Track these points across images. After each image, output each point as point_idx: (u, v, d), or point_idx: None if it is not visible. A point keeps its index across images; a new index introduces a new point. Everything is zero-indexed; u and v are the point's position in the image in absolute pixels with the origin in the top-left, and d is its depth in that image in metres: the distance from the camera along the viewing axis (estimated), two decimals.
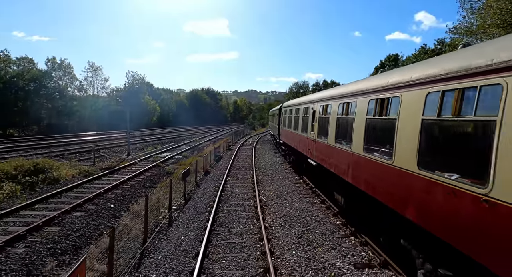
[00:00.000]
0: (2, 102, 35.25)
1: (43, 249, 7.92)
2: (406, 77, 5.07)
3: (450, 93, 3.97)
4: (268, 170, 19.01)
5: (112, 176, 16.93)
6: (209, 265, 7.05)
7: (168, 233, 9.31)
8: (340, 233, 8.57)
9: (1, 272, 6.70)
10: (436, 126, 4.25)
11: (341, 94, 8.58)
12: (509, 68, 3.11)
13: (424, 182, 4.37)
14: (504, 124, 3.10)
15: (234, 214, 10.74)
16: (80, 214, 10.70)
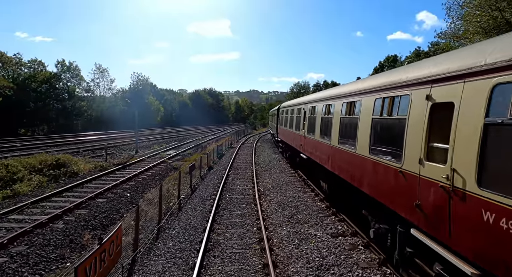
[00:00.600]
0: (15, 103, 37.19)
1: (78, 225, 9.64)
2: (366, 85, 6.72)
3: (386, 99, 5.63)
4: (266, 165, 20.67)
5: (125, 171, 18.63)
6: (215, 237, 8.72)
7: (179, 215, 10.98)
8: (323, 214, 10.23)
9: (50, 240, 8.41)
10: (378, 123, 5.91)
11: (324, 97, 10.25)
12: (413, 84, 4.76)
13: (372, 163, 6.03)
14: (410, 121, 4.76)
15: (235, 201, 12.41)
16: (102, 200, 12.41)
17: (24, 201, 11.53)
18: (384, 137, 5.75)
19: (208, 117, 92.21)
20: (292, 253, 7.56)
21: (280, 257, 7.36)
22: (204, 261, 7.18)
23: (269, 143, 36.97)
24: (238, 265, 7.03)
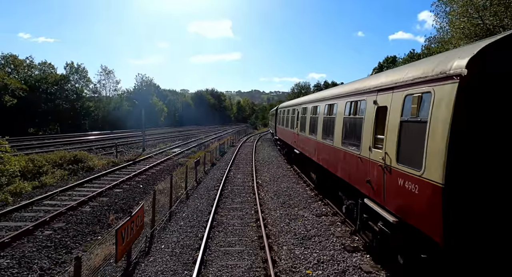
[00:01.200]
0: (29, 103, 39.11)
1: (102, 209, 11.33)
2: (341, 90, 8.36)
3: (353, 103, 7.28)
4: (265, 162, 22.32)
5: (135, 166, 20.34)
6: (219, 218, 10.37)
7: (187, 202, 12.65)
8: (312, 200, 11.88)
9: (82, 219, 10.10)
10: (348, 122, 7.55)
11: (312, 100, 11.90)
12: (368, 92, 6.40)
13: (343, 152, 7.67)
14: (365, 120, 6.39)
15: (236, 191, 14.07)
16: (119, 190, 14.11)
17: (52, 190, 13.23)
18: (351, 132, 7.39)
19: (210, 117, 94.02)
20: (283, 228, 9.20)
21: (273, 232, 9.00)
22: (210, 234, 8.83)
23: (269, 142, 38.61)
24: (238, 237, 8.68)
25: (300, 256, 7.35)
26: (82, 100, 50.05)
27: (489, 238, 3.68)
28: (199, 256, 7.21)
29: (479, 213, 3.67)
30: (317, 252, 7.45)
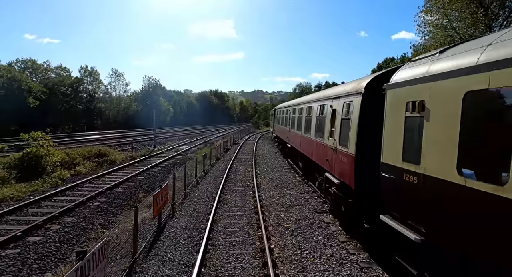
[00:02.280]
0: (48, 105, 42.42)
1: (131, 190, 14.26)
2: (315, 96, 11.21)
3: (321, 106, 10.14)
4: (264, 156, 25.19)
5: (150, 160, 23.30)
6: (224, 196, 13.22)
7: (198, 186, 15.52)
8: (298, 183, 14.72)
9: (118, 196, 13.04)
10: (319, 119, 10.39)
11: (299, 103, 14.76)
12: (328, 99, 9.23)
13: (316, 142, 10.51)
14: (326, 118, 9.22)
15: (238, 178, 16.93)
16: (141, 177, 17.05)
17: (87, 177, 16.20)
18: (319, 127, 10.23)
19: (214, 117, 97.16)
20: (273, 202, 12.06)
21: (265, 204, 11.85)
22: (218, 205, 11.69)
23: (269, 140, 41.47)
24: (239, 207, 11.54)
25: (284, 217, 10.20)
26: (95, 101, 53.51)
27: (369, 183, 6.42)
28: (210, 216, 10.08)
29: (365, 169, 6.47)
30: (296, 215, 10.30)
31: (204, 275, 6.57)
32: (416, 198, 4.41)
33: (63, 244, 8.37)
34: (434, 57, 4.64)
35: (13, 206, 10.64)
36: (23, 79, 39.40)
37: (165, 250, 7.90)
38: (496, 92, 3.26)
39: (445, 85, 3.95)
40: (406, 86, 4.86)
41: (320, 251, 7.50)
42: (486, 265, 3.29)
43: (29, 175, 14.81)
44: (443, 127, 3.93)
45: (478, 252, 3.37)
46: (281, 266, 6.94)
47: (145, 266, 7.06)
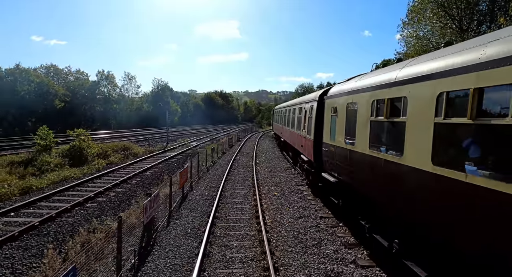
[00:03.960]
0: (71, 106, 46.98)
1: (156, 173, 18.18)
2: (299, 100, 15.01)
3: (300, 107, 13.95)
4: (264, 150, 29.02)
5: (165, 153, 27.25)
6: (229, 177, 17.06)
7: (208, 172, 19.36)
8: (287, 168, 18.52)
9: (148, 177, 16.97)
10: (300, 117, 14.18)
11: (290, 104, 18.55)
12: (302, 103, 13.02)
13: (298, 134, 14.30)
14: (303, 116, 13.01)
15: (241, 166, 20.76)
16: (162, 165, 20.99)
17: (119, 165, 20.16)
18: (298, 123, 14.00)
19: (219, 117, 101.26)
20: (267, 180, 15.86)
21: (261, 182, 15.65)
22: (225, 183, 15.53)
23: (269, 138, 45.29)
24: (240, 184, 15.36)
25: (273, 189, 14.00)
26: (111, 103, 58.07)
27: (324, 159, 10.20)
28: (220, 188, 13.93)
29: (323, 151, 10.25)
30: (282, 187, 14.09)
31: (217, 217, 10.40)
32: (333, 159, 8.20)
33: (120, 202, 12.32)
34: (343, 83, 8.42)
35: (77, 182, 14.62)
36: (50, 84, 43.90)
37: (190, 206, 11.78)
38: (353, 104, 7.02)
39: (343, 99, 7.73)
40: (331, 98, 8.65)
41: (293, 204, 11.31)
42: (357, 186, 7.08)
43: (76, 162, 18.83)
44: (343, 120, 7.70)
45: (358, 183, 7.15)
46: (267, 213, 10.75)
47: (178, 213, 10.94)
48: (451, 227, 3.85)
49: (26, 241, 8.03)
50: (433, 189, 4.14)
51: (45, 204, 11.31)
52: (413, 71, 4.88)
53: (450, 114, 3.89)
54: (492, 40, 3.41)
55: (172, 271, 6.81)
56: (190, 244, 8.22)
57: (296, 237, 8.47)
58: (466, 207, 3.56)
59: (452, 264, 4.20)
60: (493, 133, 3.33)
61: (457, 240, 3.80)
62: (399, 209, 5.20)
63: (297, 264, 6.94)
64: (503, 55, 3.07)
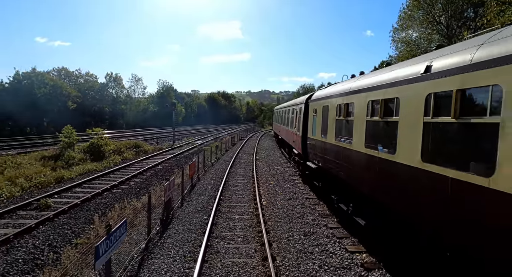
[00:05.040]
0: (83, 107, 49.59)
1: (167, 167, 20.44)
2: (291, 102, 17.21)
3: (292, 109, 16.15)
4: (264, 148, 31.22)
5: (173, 151, 29.53)
6: (232, 170, 19.28)
7: (213, 167, 21.59)
8: (284, 162, 20.70)
9: (160, 170, 19.23)
10: (294, 117, 16.35)
11: (286, 105, 20.74)
12: (293, 105, 15.21)
13: (290, 131, 16.48)
14: (295, 116, 15.19)
15: (242, 162, 22.97)
16: (171, 161, 23.26)
17: (133, 160, 22.44)
18: (291, 122, 16.16)
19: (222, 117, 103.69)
20: (265, 172, 18.05)
21: (260, 173, 17.84)
22: (228, 175, 17.74)
23: (270, 137, 47.49)
24: (242, 175, 17.56)
25: (270, 179, 16.18)
26: (119, 104, 60.64)
27: (308, 151, 12.38)
28: (224, 178, 16.14)
29: (307, 144, 12.42)
30: (277, 178, 16.27)
31: (222, 199, 12.60)
32: (314, 150, 10.37)
33: (140, 189, 14.59)
34: (322, 89, 10.59)
35: (100, 173, 16.91)
36: (63, 86, 46.53)
37: (199, 192, 14.01)
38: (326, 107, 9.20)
39: (320, 102, 9.90)
40: (313, 102, 10.83)
41: (285, 190, 13.49)
42: (329, 169, 9.25)
43: (96, 158, 21.15)
44: (320, 119, 9.87)
45: (329, 167, 9.33)
46: (263, 196, 12.93)
47: (189, 197, 13.16)
48: (383, 193, 6.00)
49: (75, 214, 10.30)
50: (365, 165, 6.31)
51: (79, 190, 13.60)
52: (355, 84, 7.06)
53: (381, 115, 6.05)
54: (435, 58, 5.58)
55: (189, 233, 9.03)
56: (201, 217, 10.44)
57: (285, 212, 10.65)
58: (389, 177, 5.71)
59: (382, 218, 6.34)
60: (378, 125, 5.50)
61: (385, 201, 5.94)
62: (352, 183, 7.36)
63: (284, 229, 9.13)
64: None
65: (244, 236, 8.72)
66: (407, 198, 4.86)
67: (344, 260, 6.88)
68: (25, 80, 40.55)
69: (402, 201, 5.07)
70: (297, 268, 6.81)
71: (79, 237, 8.60)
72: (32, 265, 6.91)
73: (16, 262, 6.87)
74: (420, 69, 4.58)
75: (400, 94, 5.04)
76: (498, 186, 3.07)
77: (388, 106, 5.52)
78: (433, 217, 4.18)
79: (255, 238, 8.50)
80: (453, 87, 3.77)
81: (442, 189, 3.89)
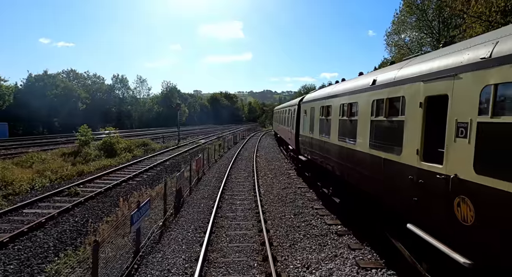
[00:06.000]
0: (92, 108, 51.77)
1: (175, 163, 22.28)
2: (286, 104, 18.98)
3: (288, 109, 17.95)
4: (264, 146, 33.00)
5: (179, 149, 31.38)
6: (235, 165, 21.07)
7: (217, 163, 23.40)
8: (281, 159, 22.47)
9: (169, 166, 21.08)
10: (288, 116, 18.13)
11: (284, 106, 22.53)
12: (288, 106, 16.98)
13: (287, 129, 18.25)
14: (291, 116, 16.96)
15: (244, 158, 24.77)
16: (178, 157, 25.10)
17: (142, 157, 24.29)
18: (288, 121, 17.92)
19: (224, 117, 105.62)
20: (264, 168, 19.82)
21: (259, 168, 19.61)
22: (230, 169, 19.52)
23: (271, 136, 49.26)
24: (243, 169, 19.35)
25: (268, 173, 17.94)
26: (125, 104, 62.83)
27: (300, 146, 14.10)
28: (227, 172, 17.93)
29: (299, 140, 14.17)
30: (275, 172, 18.03)
31: (225, 189, 14.38)
32: (304, 145, 12.13)
33: (152, 181, 16.44)
34: (311, 92, 12.35)
35: (115, 168, 18.76)
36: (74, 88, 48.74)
37: (205, 183, 15.82)
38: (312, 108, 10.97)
39: (308, 104, 11.65)
40: (303, 104, 12.58)
41: (282, 181, 15.26)
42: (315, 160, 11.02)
43: (109, 154, 23.04)
44: (308, 118, 11.62)
45: (315, 158, 11.09)
46: (262, 187, 14.70)
47: (197, 187, 14.98)
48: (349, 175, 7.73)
49: (101, 199, 12.16)
50: (338, 154, 8.06)
51: (100, 181, 15.46)
52: (333, 90, 8.81)
53: (348, 115, 7.80)
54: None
55: (198, 214, 10.83)
56: (207, 202, 12.24)
57: (279, 198, 12.42)
58: (352, 162, 7.45)
59: (351, 195, 8.06)
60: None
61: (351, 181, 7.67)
62: (330, 170, 9.10)
63: (277, 211, 10.90)
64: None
65: (244, 216, 10.50)
66: (363, 176, 6.61)
67: (323, 230, 8.64)
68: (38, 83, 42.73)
69: (360, 179, 6.83)
70: (286, 237, 8.58)
71: (108, 216, 10.43)
72: (76, 234, 8.75)
73: (65, 231, 8.71)
74: (369, 82, 6.32)
75: (358, 99, 6.79)
76: (402, 160, 4.82)
77: (352, 108, 7.28)
78: (376, 186, 5.93)
79: (253, 217, 10.28)
80: (385, 96, 5.53)
81: (379, 166, 5.64)
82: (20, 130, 39.35)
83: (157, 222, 10.00)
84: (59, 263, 7.08)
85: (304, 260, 7.10)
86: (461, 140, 3.56)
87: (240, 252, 7.63)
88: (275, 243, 8.13)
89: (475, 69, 3.40)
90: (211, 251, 7.72)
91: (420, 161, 4.39)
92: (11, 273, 6.34)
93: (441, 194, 3.86)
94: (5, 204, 10.78)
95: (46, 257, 7.27)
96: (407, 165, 4.70)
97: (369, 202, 6.63)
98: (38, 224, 8.91)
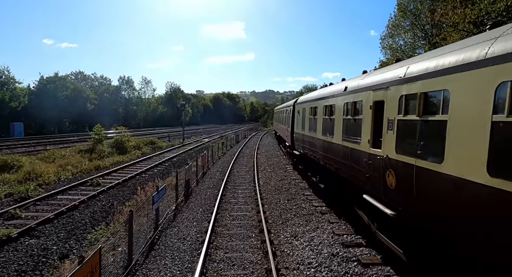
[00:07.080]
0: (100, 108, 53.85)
1: (181, 159, 24.05)
2: (284, 104, 20.68)
3: (285, 110, 19.66)
4: (265, 144, 34.72)
5: (184, 147, 33.16)
6: (237, 161, 22.80)
7: (220, 159, 25.14)
8: (280, 155, 24.17)
9: (176, 162, 22.86)
10: (286, 116, 19.83)
11: (283, 106, 24.24)
12: (288, 106, 18.68)
13: (284, 128, 19.94)
14: (288, 115, 18.66)
15: (245, 155, 26.49)
16: (184, 155, 26.88)
17: (151, 154, 26.08)
18: (286, 120, 19.61)
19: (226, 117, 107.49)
20: (264, 163, 21.53)
21: (259, 164, 21.32)
22: (233, 165, 21.25)
23: (271, 135, 50.95)
24: (245, 165, 21.07)
25: (267, 168, 19.64)
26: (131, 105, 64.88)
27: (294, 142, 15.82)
28: (229, 168, 19.66)
29: (294, 137, 15.86)
30: (274, 167, 19.73)
31: (228, 181, 16.11)
32: (298, 141, 13.82)
33: (163, 174, 18.21)
34: (306, 94, 14.04)
35: (127, 164, 20.56)
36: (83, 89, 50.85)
37: (210, 176, 17.57)
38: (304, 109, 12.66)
39: (301, 105, 13.34)
40: (297, 104, 14.27)
41: (279, 174, 16.96)
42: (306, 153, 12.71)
43: (120, 152, 24.87)
44: (301, 118, 13.31)
45: (306, 151, 12.79)
46: (261, 179, 16.41)
47: (202, 180, 16.73)
48: (330, 164, 9.42)
49: (121, 188, 13.96)
50: (322, 146, 9.75)
51: (116, 174, 17.26)
52: (319, 94, 10.51)
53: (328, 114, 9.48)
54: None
55: (205, 200, 12.57)
56: (213, 192, 13.98)
57: (276, 188, 14.13)
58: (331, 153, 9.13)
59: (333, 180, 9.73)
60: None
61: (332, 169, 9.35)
62: (317, 161, 10.79)
63: (274, 198, 12.61)
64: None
65: (245, 201, 12.23)
66: (339, 163, 8.30)
67: (309, 210, 10.35)
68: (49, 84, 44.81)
69: (337, 166, 8.53)
70: (279, 216, 10.29)
71: (128, 201, 12.20)
72: (105, 213, 10.53)
73: (95, 212, 10.50)
74: (343, 88, 8.01)
75: (336, 102, 8.48)
76: (361, 148, 6.52)
77: (331, 109, 8.97)
78: (347, 170, 7.62)
79: (253, 202, 12.01)
80: (351, 100, 7.21)
81: (348, 154, 7.33)
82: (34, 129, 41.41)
83: (170, 207, 11.77)
84: (96, 234, 8.84)
85: (293, 232, 8.81)
86: (390, 131, 5.24)
87: (241, 227, 9.36)
88: (270, 221, 9.85)
89: (397, 84, 5.09)
90: (217, 226, 9.45)
91: (370, 148, 6.06)
92: (64, 238, 8.10)
93: (380, 169, 5.55)
94: (41, 191, 12.58)
95: (85, 229, 9.04)
96: (363, 151, 6.38)
97: (344, 184, 8.33)
98: (73, 207, 10.69)
